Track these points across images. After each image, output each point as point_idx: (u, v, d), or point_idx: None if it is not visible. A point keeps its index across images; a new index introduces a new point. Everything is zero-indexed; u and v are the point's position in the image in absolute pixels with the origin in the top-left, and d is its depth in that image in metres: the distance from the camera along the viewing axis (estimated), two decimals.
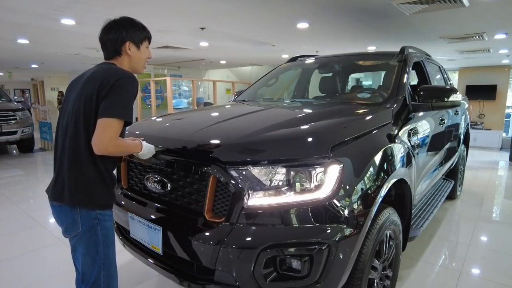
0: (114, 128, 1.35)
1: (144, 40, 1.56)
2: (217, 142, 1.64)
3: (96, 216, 1.44)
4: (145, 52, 1.59)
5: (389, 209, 1.80)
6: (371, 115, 2.03)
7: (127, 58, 1.54)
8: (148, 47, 1.61)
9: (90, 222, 1.43)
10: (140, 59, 1.57)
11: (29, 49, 7.14)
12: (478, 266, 2.69)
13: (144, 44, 1.57)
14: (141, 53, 1.56)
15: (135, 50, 1.54)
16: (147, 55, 1.60)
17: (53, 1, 3.66)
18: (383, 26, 4.83)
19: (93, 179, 1.41)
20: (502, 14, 4.12)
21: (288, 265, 1.44)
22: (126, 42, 1.51)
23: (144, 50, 1.58)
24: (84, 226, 1.43)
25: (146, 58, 1.60)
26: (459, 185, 4.40)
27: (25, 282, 2.42)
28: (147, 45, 1.60)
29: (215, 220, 1.52)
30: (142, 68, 1.61)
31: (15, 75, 14.33)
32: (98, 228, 1.45)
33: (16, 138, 7.31)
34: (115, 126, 1.35)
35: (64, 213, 1.44)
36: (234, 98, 3.25)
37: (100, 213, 1.46)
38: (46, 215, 3.72)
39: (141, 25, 1.57)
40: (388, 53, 2.91)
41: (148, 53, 1.61)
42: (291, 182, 1.46)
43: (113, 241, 1.53)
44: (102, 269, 1.47)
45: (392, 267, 1.95)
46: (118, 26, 1.51)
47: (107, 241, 1.48)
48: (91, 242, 1.44)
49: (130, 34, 1.52)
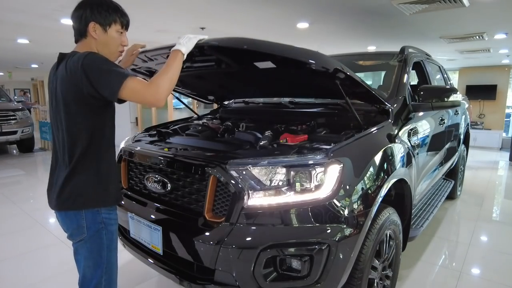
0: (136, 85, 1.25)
1: (113, 23, 1.38)
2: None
3: (101, 220, 1.39)
4: (115, 37, 1.40)
5: (389, 209, 1.80)
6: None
7: (94, 41, 1.38)
8: (121, 33, 1.42)
9: (96, 226, 1.38)
10: (108, 44, 1.39)
11: (29, 49, 7.13)
12: (478, 266, 2.69)
13: (113, 27, 1.38)
14: (108, 37, 1.38)
15: (101, 32, 1.37)
16: (118, 42, 1.42)
17: (53, 1, 3.66)
18: (383, 26, 4.83)
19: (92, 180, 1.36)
20: (502, 14, 4.12)
21: (288, 265, 1.44)
22: (90, 22, 1.35)
23: (113, 34, 1.39)
24: (90, 231, 1.38)
25: (118, 45, 1.43)
26: (459, 185, 4.40)
27: (25, 282, 2.42)
28: (119, 30, 1.41)
29: (215, 220, 1.52)
30: (114, 55, 1.44)
31: (15, 75, 14.32)
32: (104, 232, 1.40)
33: (16, 138, 7.31)
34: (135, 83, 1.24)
35: (69, 219, 1.39)
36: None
37: (106, 217, 1.41)
38: (46, 215, 3.72)
39: (112, 6, 1.40)
40: (388, 53, 2.91)
41: (121, 40, 1.43)
42: (291, 182, 1.46)
43: (116, 245, 1.48)
44: (104, 273, 1.43)
45: (392, 267, 1.95)
46: (84, 4, 1.37)
47: (111, 245, 1.44)
48: (95, 246, 1.40)
49: (95, 14, 1.35)
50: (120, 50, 1.44)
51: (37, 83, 16.85)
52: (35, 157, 7.50)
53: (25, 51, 7.37)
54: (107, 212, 1.41)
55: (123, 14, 1.42)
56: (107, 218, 1.41)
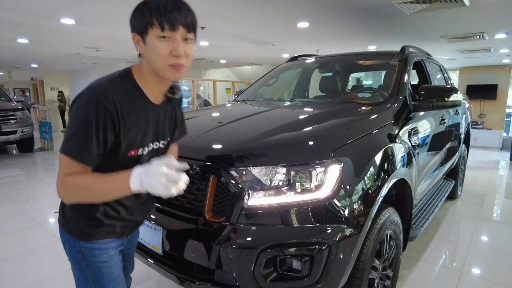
0: (62, 165, 0.98)
1: (149, 28, 0.96)
2: (219, 147, 1.64)
3: (79, 249, 1.11)
4: (155, 46, 0.97)
5: (389, 209, 1.80)
6: (371, 115, 2.02)
7: (143, 58, 1.05)
8: (164, 37, 0.97)
9: (74, 254, 1.14)
10: (151, 59, 1.00)
11: (29, 49, 7.13)
12: (479, 266, 2.69)
13: (151, 33, 0.96)
14: (148, 49, 0.99)
15: (143, 45, 1.00)
16: (162, 52, 0.97)
17: (53, 1, 3.66)
18: (384, 25, 4.82)
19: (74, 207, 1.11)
20: (503, 14, 4.12)
21: (289, 265, 1.44)
22: (132, 33, 1.03)
23: (152, 43, 0.97)
24: (70, 254, 1.17)
25: (165, 56, 0.98)
26: (460, 185, 4.39)
27: (25, 282, 2.41)
28: (160, 34, 0.96)
29: (215, 220, 1.51)
30: (164, 70, 1.00)
31: (15, 74, 14.33)
32: (83, 264, 1.13)
33: (16, 138, 7.30)
34: (63, 163, 0.97)
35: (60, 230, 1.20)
36: (234, 98, 3.24)
37: (84, 247, 1.11)
38: (46, 215, 3.72)
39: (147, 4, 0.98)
40: (389, 53, 2.91)
41: (164, 47, 0.97)
42: (291, 182, 1.46)
43: (112, 277, 1.17)
44: None
45: (393, 267, 1.95)
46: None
47: (100, 280, 1.15)
48: (79, 275, 1.16)
49: (132, 20, 1.02)
50: (170, 63, 0.99)
51: (37, 83, 16.86)
52: (35, 157, 7.50)
53: (25, 51, 7.37)
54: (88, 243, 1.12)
55: (159, 11, 0.96)
56: (86, 248, 1.11)
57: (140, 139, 1.08)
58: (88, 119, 0.94)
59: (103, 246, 1.14)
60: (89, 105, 0.95)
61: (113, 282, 1.17)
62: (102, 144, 0.98)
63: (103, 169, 1.02)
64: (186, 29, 0.99)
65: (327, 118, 2.01)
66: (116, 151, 1.03)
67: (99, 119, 0.95)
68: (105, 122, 0.96)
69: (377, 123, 1.95)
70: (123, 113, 1.00)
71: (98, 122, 0.95)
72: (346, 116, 2.09)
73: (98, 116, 0.95)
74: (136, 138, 1.06)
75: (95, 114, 0.94)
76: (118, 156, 1.04)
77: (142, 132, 1.08)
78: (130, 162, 1.06)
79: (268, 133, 1.70)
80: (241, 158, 1.53)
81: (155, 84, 1.08)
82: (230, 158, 1.53)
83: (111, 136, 0.99)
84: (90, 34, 5.55)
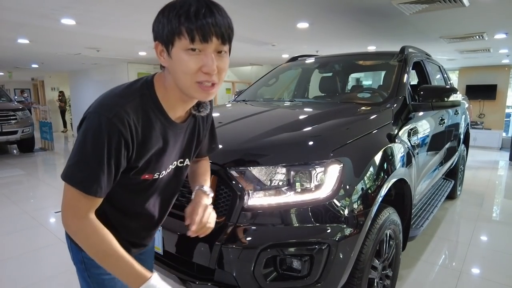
0: (68, 197, 0.84)
1: (176, 38, 0.80)
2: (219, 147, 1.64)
3: (82, 259, 1.01)
4: (182, 59, 0.81)
5: (389, 209, 1.80)
6: (371, 115, 2.03)
7: (167, 70, 0.88)
8: (193, 49, 0.80)
9: (77, 262, 1.05)
10: (177, 74, 0.83)
11: (29, 49, 7.13)
12: (478, 265, 2.69)
13: (177, 45, 0.80)
14: (174, 62, 0.82)
15: (167, 57, 0.84)
16: (189, 66, 0.81)
17: (53, 1, 3.66)
18: (383, 26, 4.83)
19: None
20: (502, 14, 4.12)
21: (289, 265, 1.45)
22: (155, 42, 0.86)
23: (179, 55, 0.81)
24: (74, 262, 1.07)
25: (193, 73, 0.82)
26: (459, 184, 4.40)
27: (25, 282, 2.42)
28: (188, 47, 0.79)
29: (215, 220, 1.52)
30: (190, 88, 0.85)
31: (15, 75, 14.32)
32: (86, 275, 1.03)
33: (16, 138, 7.32)
34: (69, 194, 0.84)
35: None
36: (234, 98, 3.25)
37: (86, 257, 0.96)
38: (47, 215, 3.73)
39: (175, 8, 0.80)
40: (388, 53, 2.92)
41: (193, 61, 0.80)
42: (291, 182, 1.47)
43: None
44: None
45: (392, 266, 1.95)
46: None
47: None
48: (83, 282, 1.07)
49: (155, 28, 0.85)
50: (199, 80, 0.83)
51: (37, 83, 16.86)
52: (35, 157, 7.51)
53: (25, 51, 7.37)
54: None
55: (189, 18, 0.78)
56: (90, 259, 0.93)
57: (155, 162, 0.94)
58: (99, 147, 0.80)
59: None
60: (100, 129, 0.80)
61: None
62: (113, 173, 0.84)
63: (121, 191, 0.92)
64: (221, 41, 0.82)
65: (327, 118, 2.02)
66: (129, 175, 0.91)
67: (112, 146, 0.81)
68: (118, 149, 0.82)
69: (376, 123, 1.96)
70: (139, 138, 0.86)
71: (110, 150, 0.81)
72: (345, 116, 2.09)
73: (111, 142, 0.81)
74: (151, 162, 0.93)
75: (107, 140, 0.80)
76: (130, 179, 0.92)
77: (159, 155, 0.94)
78: (145, 186, 0.96)
79: (268, 133, 1.70)
80: (241, 158, 1.54)
81: (180, 103, 0.92)
82: (230, 158, 1.54)
83: (124, 162, 0.86)
84: (90, 35, 5.55)
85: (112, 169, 0.83)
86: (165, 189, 1.05)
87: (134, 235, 1.06)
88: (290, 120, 2.03)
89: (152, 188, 0.99)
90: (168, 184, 1.05)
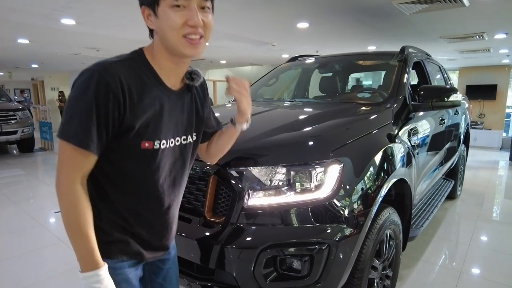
0: (62, 155, 0.85)
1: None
2: None
3: None
4: (169, 17, 0.86)
5: (389, 209, 1.80)
6: (371, 115, 2.03)
7: (156, 34, 0.92)
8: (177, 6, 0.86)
9: None
10: (164, 32, 0.88)
11: (29, 49, 7.14)
12: (478, 265, 2.69)
13: (162, 3, 0.86)
14: (161, 21, 0.87)
15: (154, 18, 0.89)
16: (177, 22, 0.86)
17: (53, 1, 3.66)
18: (383, 26, 4.83)
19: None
20: (502, 14, 4.12)
21: (288, 265, 1.45)
22: (141, 7, 0.91)
23: (165, 14, 0.86)
24: None
25: (179, 27, 0.87)
26: (459, 184, 4.40)
27: (25, 282, 2.42)
28: (174, 3, 0.85)
29: (216, 220, 1.52)
30: (178, 44, 0.88)
31: (15, 75, 14.34)
32: None
33: (16, 138, 7.31)
34: (64, 152, 0.84)
35: None
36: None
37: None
38: (47, 215, 3.73)
39: None
40: (388, 53, 2.91)
41: (178, 16, 0.86)
42: (291, 182, 1.47)
43: None
44: None
45: (392, 266, 1.95)
46: None
47: None
48: None
49: None
50: (186, 33, 0.88)
51: (37, 83, 16.87)
52: (35, 157, 7.51)
53: (25, 51, 7.38)
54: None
55: None
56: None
57: (153, 128, 0.92)
58: (88, 98, 0.82)
59: (116, 266, 0.96)
60: (90, 82, 0.82)
61: None
62: (104, 128, 0.84)
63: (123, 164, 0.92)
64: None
65: (327, 118, 2.02)
66: (126, 139, 0.89)
67: (100, 98, 0.82)
68: (106, 102, 0.83)
69: (376, 123, 1.96)
70: (132, 93, 0.87)
71: (98, 102, 0.82)
72: (346, 116, 2.09)
73: (99, 94, 0.82)
74: (148, 126, 0.91)
75: (96, 91, 0.82)
76: (130, 146, 0.90)
77: (156, 120, 0.93)
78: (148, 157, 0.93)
79: (268, 133, 1.70)
80: (241, 158, 1.54)
81: (170, 64, 0.95)
82: (230, 158, 1.54)
83: (115, 120, 0.86)
84: (90, 35, 5.55)
85: (102, 122, 0.84)
86: (172, 168, 1.02)
87: (147, 225, 1.01)
88: (290, 120, 2.03)
89: (155, 162, 0.95)
90: (174, 163, 1.02)
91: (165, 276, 1.17)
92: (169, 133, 0.97)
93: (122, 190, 0.95)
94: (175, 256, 1.22)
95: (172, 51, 0.91)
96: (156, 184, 0.98)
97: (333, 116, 2.11)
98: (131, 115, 0.87)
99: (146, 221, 1.01)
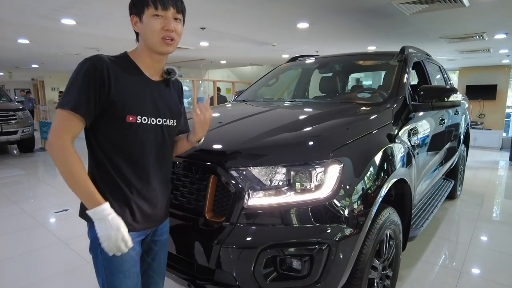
0: (56, 120, 1.09)
1: (145, 8, 1.14)
2: (219, 147, 1.65)
3: (95, 235, 1.13)
4: (150, 23, 1.14)
5: (389, 209, 1.80)
6: (371, 115, 2.03)
7: (141, 38, 1.20)
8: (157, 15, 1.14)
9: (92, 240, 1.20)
10: (146, 34, 1.17)
11: (29, 49, 7.15)
12: (478, 266, 2.69)
13: (146, 13, 1.14)
14: (144, 26, 1.16)
15: (140, 24, 1.17)
16: (156, 27, 1.14)
17: (53, 1, 3.66)
18: (383, 26, 4.83)
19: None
20: (502, 14, 4.13)
21: (288, 265, 1.45)
22: (130, 16, 1.20)
23: (148, 21, 1.14)
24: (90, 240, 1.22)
25: (158, 31, 1.15)
26: (459, 185, 4.40)
27: (25, 282, 2.42)
28: (154, 13, 1.14)
29: (216, 220, 1.52)
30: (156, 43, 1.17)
31: (15, 75, 14.35)
32: (98, 250, 1.17)
33: (16, 138, 7.31)
34: (57, 118, 1.09)
35: None
36: (235, 98, 3.25)
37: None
38: (47, 215, 3.73)
39: None
40: (388, 53, 2.91)
41: (157, 23, 1.14)
42: (291, 182, 1.47)
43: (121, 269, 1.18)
44: None
45: (392, 266, 1.95)
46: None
47: (110, 266, 1.18)
48: (95, 261, 1.22)
49: (131, 5, 1.19)
50: (162, 36, 1.16)
51: (38, 83, 16.87)
52: (35, 157, 7.51)
53: (26, 51, 7.39)
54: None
55: None
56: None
57: (136, 104, 1.16)
58: (80, 77, 1.08)
59: None
60: (83, 66, 1.10)
61: (122, 274, 1.19)
62: (92, 100, 1.08)
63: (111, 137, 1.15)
64: (176, 10, 1.18)
65: (327, 118, 2.02)
66: (113, 112, 1.12)
67: (90, 76, 1.08)
68: (94, 79, 1.08)
69: (376, 123, 1.96)
70: (116, 76, 1.13)
71: (88, 79, 1.08)
72: (346, 116, 2.10)
73: (89, 74, 1.08)
74: (132, 102, 1.15)
75: (87, 72, 1.08)
76: (117, 118, 1.13)
77: (139, 98, 1.17)
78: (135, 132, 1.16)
79: (268, 133, 1.70)
80: (241, 158, 1.54)
81: (149, 59, 1.22)
82: (230, 158, 1.54)
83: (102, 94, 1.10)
84: (90, 35, 5.56)
85: (91, 95, 1.08)
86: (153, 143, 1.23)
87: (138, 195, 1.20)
88: (290, 120, 2.03)
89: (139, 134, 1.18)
90: (155, 139, 1.23)
91: (154, 256, 1.37)
92: (150, 112, 1.21)
93: (115, 161, 1.16)
94: (166, 240, 1.42)
95: (152, 49, 1.19)
96: (142, 155, 1.20)
97: (333, 116, 2.11)
98: (116, 91, 1.12)
99: (137, 191, 1.20)
